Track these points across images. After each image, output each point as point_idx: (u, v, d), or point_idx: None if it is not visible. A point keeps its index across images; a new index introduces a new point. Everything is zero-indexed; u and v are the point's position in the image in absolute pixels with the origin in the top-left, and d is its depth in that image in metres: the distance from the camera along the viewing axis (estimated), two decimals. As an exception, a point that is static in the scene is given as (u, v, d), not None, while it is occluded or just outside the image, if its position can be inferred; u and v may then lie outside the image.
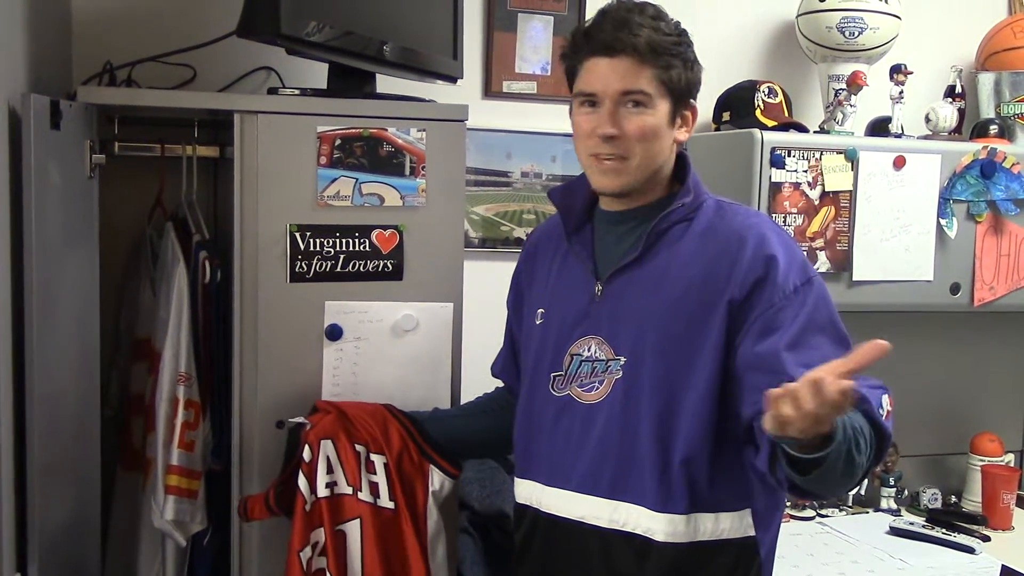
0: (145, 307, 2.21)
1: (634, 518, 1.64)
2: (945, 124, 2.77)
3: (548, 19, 2.74)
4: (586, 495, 1.68)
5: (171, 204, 2.25)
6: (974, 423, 3.05)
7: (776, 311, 1.57)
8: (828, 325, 1.59)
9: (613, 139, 1.61)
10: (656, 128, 1.63)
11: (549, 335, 1.75)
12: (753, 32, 2.95)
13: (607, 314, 1.68)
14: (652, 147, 1.64)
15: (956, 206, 2.66)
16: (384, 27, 2.17)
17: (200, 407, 2.08)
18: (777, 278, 1.58)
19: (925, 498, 2.94)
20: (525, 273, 1.90)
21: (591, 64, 1.63)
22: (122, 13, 2.37)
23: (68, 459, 1.92)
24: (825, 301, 1.61)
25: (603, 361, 1.67)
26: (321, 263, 2.02)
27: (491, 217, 2.73)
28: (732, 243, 1.62)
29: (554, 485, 1.72)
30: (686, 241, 1.66)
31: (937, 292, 2.66)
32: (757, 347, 1.57)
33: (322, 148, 2.01)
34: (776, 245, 1.62)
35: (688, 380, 1.61)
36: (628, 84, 1.61)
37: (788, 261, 1.60)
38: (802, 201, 2.53)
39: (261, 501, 1.91)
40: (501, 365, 2.00)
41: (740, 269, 1.60)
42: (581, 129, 1.67)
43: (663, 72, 1.62)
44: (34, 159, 1.65)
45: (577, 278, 1.74)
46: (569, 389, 1.70)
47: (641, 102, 1.62)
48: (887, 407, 1.56)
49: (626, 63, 1.60)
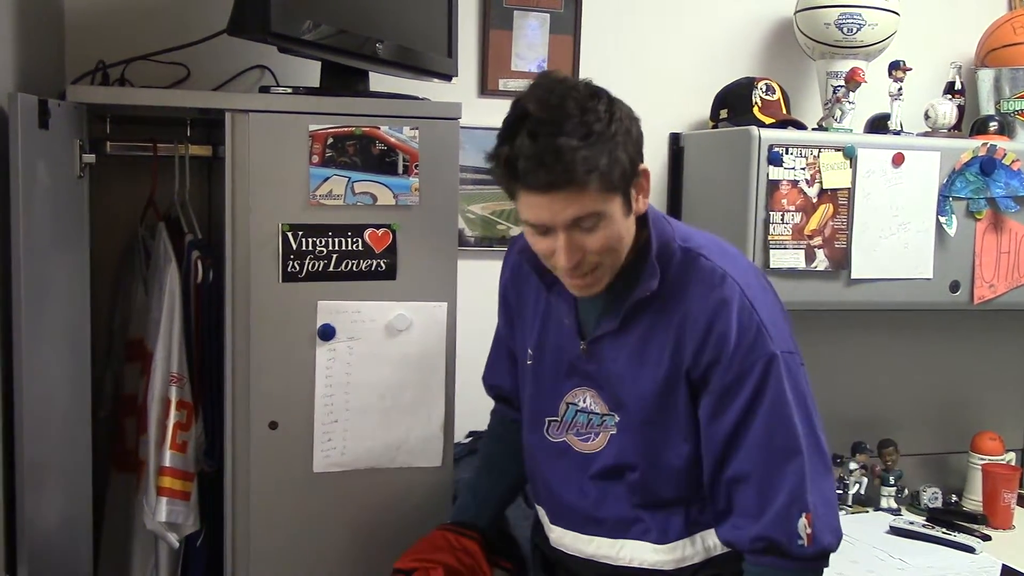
0: (138, 307, 2.19)
1: (639, 554, 1.68)
2: (944, 121, 2.75)
3: (544, 16, 2.72)
4: (590, 536, 1.72)
5: (164, 203, 2.24)
6: (975, 422, 3.04)
7: (719, 396, 1.59)
8: (770, 410, 1.57)
9: (578, 263, 1.54)
10: (618, 234, 1.54)
11: (543, 380, 1.76)
12: (751, 29, 2.93)
13: (595, 372, 1.69)
14: (619, 251, 1.58)
15: (956, 203, 2.64)
16: (378, 25, 2.16)
17: (192, 408, 2.07)
18: (724, 359, 1.57)
19: (925, 497, 2.92)
20: (512, 290, 1.87)
21: (529, 199, 1.49)
22: (116, 11, 2.36)
23: (58, 460, 1.90)
24: (769, 381, 1.57)
25: (598, 415, 1.69)
26: (313, 263, 2.01)
27: (488, 216, 2.71)
28: (692, 316, 1.59)
29: (559, 525, 1.76)
30: (656, 311, 1.62)
31: (937, 290, 2.65)
32: (706, 428, 1.61)
33: (314, 147, 2.00)
34: (732, 318, 1.56)
35: (670, 446, 1.65)
36: (576, 212, 1.48)
37: (740, 335, 1.57)
38: (800, 199, 2.51)
39: None
40: (499, 375, 1.97)
41: (696, 347, 1.59)
42: (539, 251, 1.58)
43: (606, 181, 1.47)
44: (22, 159, 1.64)
45: (562, 330, 1.72)
46: (565, 436, 1.73)
47: (593, 225, 1.50)
48: (805, 532, 1.57)
49: (566, 195, 1.46)
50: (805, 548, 1.57)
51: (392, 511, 2.08)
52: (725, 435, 1.59)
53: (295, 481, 2.04)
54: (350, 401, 2.05)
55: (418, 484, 2.10)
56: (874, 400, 2.98)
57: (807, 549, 1.57)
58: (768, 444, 1.58)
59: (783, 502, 1.56)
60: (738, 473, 1.58)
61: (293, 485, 2.03)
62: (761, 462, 1.57)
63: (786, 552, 1.57)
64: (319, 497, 2.05)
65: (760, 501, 1.57)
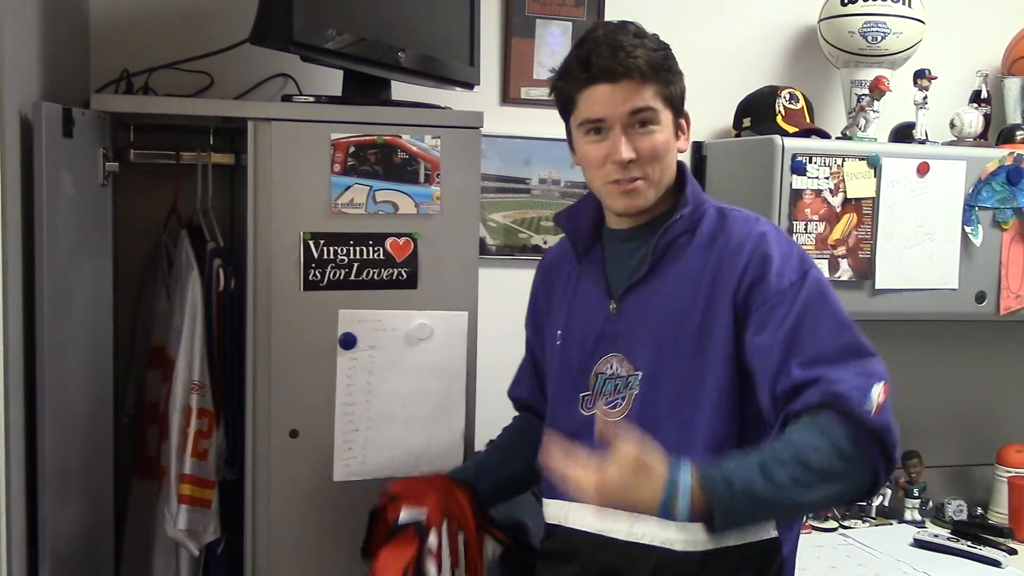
0: (160, 315, 2.20)
1: (652, 530, 1.63)
2: (970, 130, 2.73)
3: (567, 24, 2.72)
4: (604, 508, 1.65)
5: (186, 211, 2.25)
6: (1000, 434, 3.01)
7: (771, 307, 1.58)
8: (825, 315, 1.58)
9: (630, 162, 1.62)
10: (667, 143, 1.65)
11: (571, 356, 1.76)
12: (774, 37, 2.92)
13: (623, 331, 1.70)
14: (665, 163, 1.66)
15: (981, 213, 2.62)
16: (400, 34, 2.16)
17: (214, 416, 2.07)
18: (771, 275, 1.59)
19: (950, 510, 2.89)
20: (542, 294, 1.90)
21: (592, 92, 1.63)
22: (140, 20, 2.37)
23: (80, 467, 1.91)
24: (821, 292, 1.60)
25: (624, 377, 1.68)
26: (335, 271, 2.01)
27: (509, 224, 2.71)
28: (732, 249, 1.64)
29: (577, 499, 1.69)
30: (691, 252, 1.67)
31: (962, 301, 2.62)
32: (756, 339, 1.58)
33: (336, 155, 2.00)
34: (772, 244, 1.62)
35: (702, 390, 1.62)
36: (635, 103, 1.61)
37: (783, 258, 1.61)
38: (824, 208, 2.50)
39: None
40: (526, 388, 1.98)
41: (740, 273, 1.61)
42: (592, 158, 1.66)
43: (664, 88, 1.63)
44: (46, 167, 1.65)
45: (592, 298, 1.75)
46: (597, 408, 1.71)
47: (649, 119, 1.62)
48: (877, 399, 1.49)
49: (629, 85, 1.60)
50: (871, 416, 1.47)
51: (412, 520, 2.08)
52: (783, 337, 1.54)
53: (315, 490, 2.03)
54: (371, 410, 2.04)
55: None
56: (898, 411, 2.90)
57: (872, 418, 1.47)
58: (835, 328, 1.56)
59: (857, 367, 1.51)
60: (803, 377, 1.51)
61: (313, 494, 2.03)
62: (832, 343, 1.54)
63: (850, 411, 1.46)
64: (339, 506, 2.04)
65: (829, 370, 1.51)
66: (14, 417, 1.61)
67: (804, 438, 1.47)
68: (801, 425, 1.49)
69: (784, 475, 1.43)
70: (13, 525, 1.60)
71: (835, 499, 1.58)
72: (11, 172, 1.59)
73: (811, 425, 1.48)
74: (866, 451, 1.47)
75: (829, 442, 1.46)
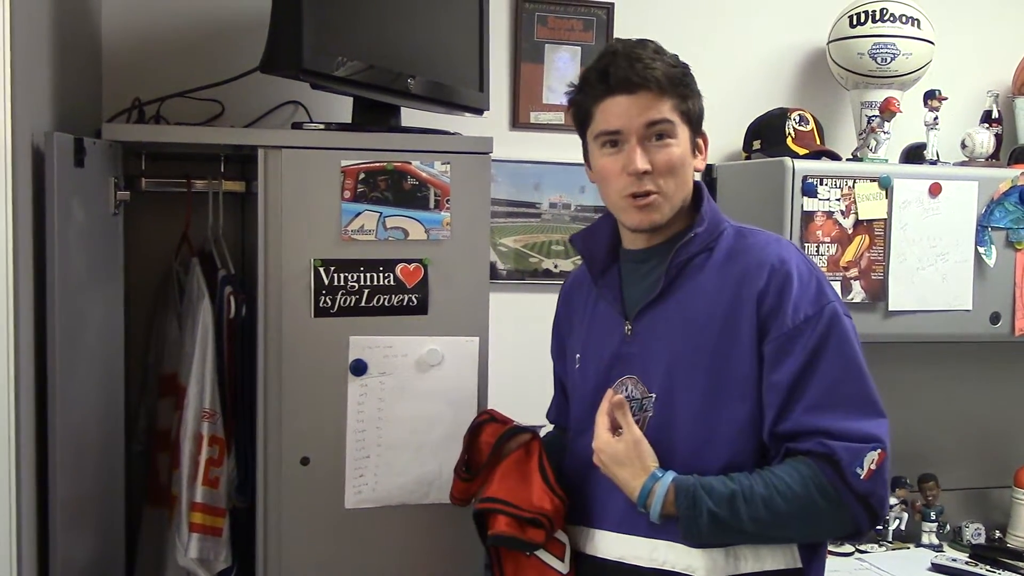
0: (171, 342, 2.20)
1: (673, 556, 1.61)
2: (982, 150, 2.72)
3: (576, 49, 2.73)
4: (626, 535, 1.67)
5: (198, 239, 2.25)
6: (1017, 455, 2.98)
7: (783, 342, 1.58)
8: (836, 359, 1.57)
9: (645, 174, 1.61)
10: (683, 158, 1.64)
11: (588, 379, 1.75)
12: (784, 59, 2.92)
13: (638, 352, 1.68)
14: (681, 178, 1.65)
15: (995, 233, 2.60)
16: (409, 60, 2.17)
17: (225, 443, 2.07)
18: (788, 307, 1.58)
19: (968, 533, 2.86)
20: (564, 319, 1.90)
21: (609, 103, 1.62)
22: (151, 49, 2.39)
23: (92, 495, 1.91)
24: (835, 332, 1.58)
25: (638, 400, 1.67)
26: (345, 298, 2.01)
27: (520, 248, 2.71)
28: (751, 271, 1.62)
29: (598, 526, 1.71)
30: (707, 271, 1.65)
31: (976, 322, 2.61)
32: (768, 376, 1.59)
33: (346, 182, 2.00)
34: (792, 271, 1.61)
35: (721, 412, 1.61)
36: (652, 115, 1.61)
37: (801, 289, 1.60)
38: (835, 230, 2.49)
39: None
40: (556, 412, 1.99)
41: (759, 295, 1.60)
42: (608, 171, 1.65)
43: (681, 103, 1.63)
44: (57, 197, 1.66)
45: (608, 320, 1.74)
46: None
47: (666, 132, 1.62)
48: (869, 465, 1.53)
49: (646, 97, 1.60)
50: (860, 480, 1.52)
51: (424, 548, 2.07)
52: (794, 372, 1.55)
53: (327, 517, 2.02)
54: (382, 437, 2.04)
55: (451, 520, 2.07)
56: (913, 434, 2.93)
57: (861, 482, 1.52)
58: (845, 368, 1.57)
59: (859, 430, 1.54)
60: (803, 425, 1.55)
61: (325, 521, 2.02)
62: (842, 383, 1.56)
63: (840, 471, 1.52)
64: (351, 534, 2.04)
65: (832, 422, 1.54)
66: (26, 445, 1.61)
67: (783, 480, 1.54)
68: (786, 467, 1.56)
69: (748, 513, 1.53)
70: (25, 554, 1.60)
71: (804, 539, 1.62)
72: (23, 202, 1.60)
73: (794, 469, 1.55)
74: (847, 507, 1.54)
75: (804, 492, 1.53)
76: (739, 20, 2.87)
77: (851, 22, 2.72)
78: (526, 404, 2.00)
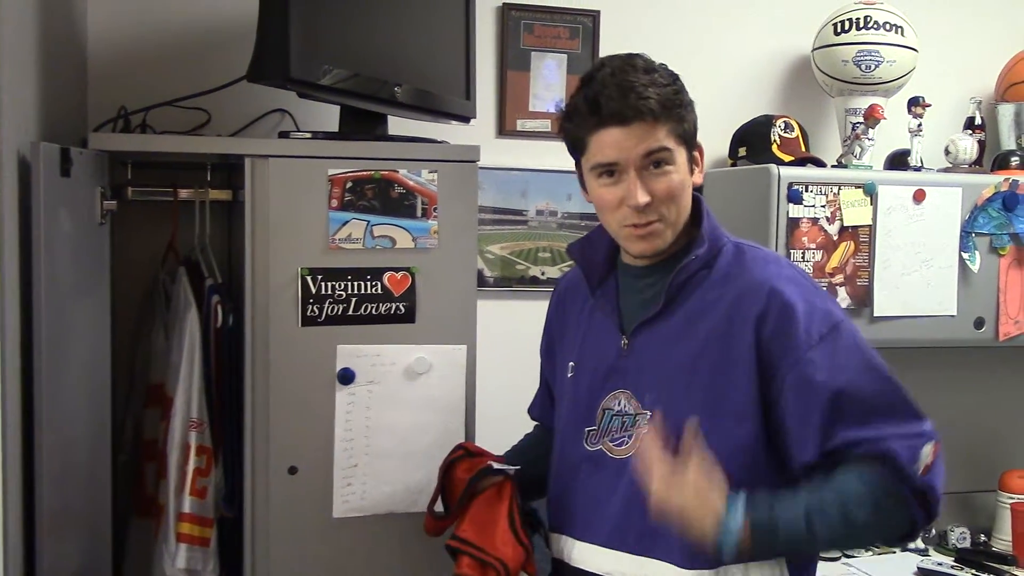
0: (158, 352, 2.20)
1: (662, 572, 1.60)
2: (965, 156, 2.74)
3: (562, 57, 2.74)
4: (614, 550, 1.66)
5: (184, 248, 2.25)
6: (1002, 460, 2.99)
7: (804, 364, 1.54)
8: (862, 368, 1.56)
9: (647, 206, 1.58)
10: (682, 183, 1.61)
11: (580, 389, 1.74)
12: (769, 67, 2.93)
13: (633, 368, 1.67)
14: (681, 203, 1.62)
15: (978, 239, 2.62)
16: (396, 69, 2.17)
17: (212, 453, 2.06)
18: (798, 329, 1.55)
19: (953, 537, 2.87)
20: (556, 322, 1.89)
21: (603, 135, 1.58)
22: (137, 58, 2.39)
23: (78, 506, 1.90)
24: (853, 343, 1.58)
25: (631, 415, 1.66)
26: (333, 306, 2.01)
27: (507, 256, 2.71)
28: (751, 291, 1.60)
29: (584, 539, 1.70)
30: (706, 288, 1.64)
31: (961, 327, 2.62)
32: (802, 406, 1.55)
33: (333, 191, 2.00)
34: (792, 291, 1.59)
35: (717, 431, 1.58)
36: (649, 144, 1.57)
37: (808, 309, 1.57)
38: (820, 236, 2.50)
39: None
40: (540, 409, 1.98)
41: (758, 315, 1.57)
42: (606, 202, 1.62)
43: (677, 125, 1.59)
44: (44, 207, 1.65)
45: (604, 331, 1.73)
46: (601, 444, 1.69)
47: (664, 160, 1.58)
48: (925, 460, 1.52)
49: (642, 127, 1.56)
50: (919, 475, 1.50)
51: (412, 557, 2.06)
52: (826, 396, 1.52)
53: (315, 527, 2.02)
54: (370, 445, 2.04)
55: (439, 528, 2.08)
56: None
57: (920, 478, 1.50)
58: (872, 380, 1.55)
59: (911, 428, 1.53)
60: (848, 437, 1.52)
61: (313, 531, 2.02)
62: (871, 393, 1.54)
63: (899, 469, 1.49)
64: (339, 543, 2.03)
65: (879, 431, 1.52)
66: (12, 455, 1.60)
67: (850, 487, 1.51)
68: (849, 473, 1.53)
69: (826, 528, 1.50)
70: (10, 565, 1.59)
71: (870, 543, 1.61)
72: (9, 212, 1.60)
73: (858, 475, 1.52)
74: (907, 505, 1.52)
75: (872, 496, 1.51)
76: (724, 28, 2.89)
77: (835, 30, 2.73)
78: (514, 411, 2.00)
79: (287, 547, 2.01)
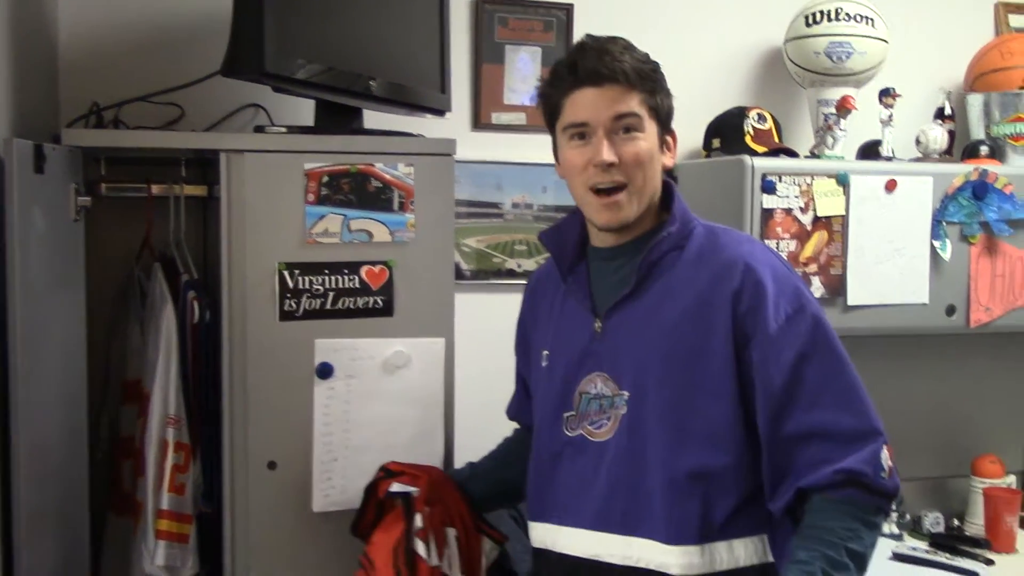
0: (134, 348, 2.19)
1: (647, 553, 1.62)
2: (936, 146, 2.76)
3: (536, 50, 2.74)
4: (599, 532, 1.66)
5: (160, 244, 2.23)
6: (975, 445, 3.03)
7: (773, 340, 1.58)
8: (824, 350, 1.60)
9: (611, 167, 1.61)
10: (651, 151, 1.64)
11: (556, 376, 1.75)
12: (741, 59, 2.95)
13: (608, 350, 1.68)
14: (648, 172, 1.64)
15: (949, 228, 2.65)
16: (371, 62, 2.17)
17: (190, 449, 2.06)
18: (768, 305, 1.59)
19: (927, 522, 2.90)
20: (528, 315, 1.89)
21: (578, 95, 1.63)
22: (109, 53, 2.37)
23: (55, 505, 1.89)
24: (818, 326, 1.61)
25: (609, 397, 1.67)
26: (310, 301, 2.01)
27: (483, 249, 2.72)
28: (724, 270, 1.62)
29: (568, 524, 1.71)
30: (678, 269, 1.66)
31: (933, 315, 2.65)
32: (765, 378, 1.59)
33: (309, 185, 2.00)
34: (766, 272, 1.61)
35: (694, 407, 1.61)
36: (620, 108, 1.61)
37: (778, 289, 1.61)
38: (794, 227, 2.52)
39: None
40: (516, 408, 1.98)
41: (734, 292, 1.60)
42: (574, 163, 1.65)
43: (649, 97, 1.64)
44: (18, 204, 1.64)
45: (577, 317, 1.74)
46: (581, 428, 1.70)
47: (633, 126, 1.62)
48: (887, 464, 1.57)
49: (615, 89, 1.61)
50: (886, 481, 1.55)
51: (393, 549, 2.07)
52: (783, 378, 1.57)
53: (294, 521, 2.02)
54: (349, 439, 2.04)
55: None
56: (873, 426, 2.97)
57: (888, 483, 1.55)
58: (833, 364, 1.59)
59: (858, 425, 1.56)
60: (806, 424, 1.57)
61: (292, 525, 2.02)
62: (832, 378, 1.58)
63: (869, 484, 1.54)
64: (319, 537, 2.03)
65: (840, 434, 1.56)
66: (-12, 456, 1.59)
67: (844, 526, 1.54)
68: (833, 511, 1.55)
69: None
70: (-11, 566, 1.58)
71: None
72: (-18, 209, 1.58)
73: (840, 509, 1.55)
74: (883, 509, 1.59)
75: (862, 524, 1.55)
76: (697, 21, 2.90)
77: (807, 21, 2.75)
78: (492, 403, 2.01)
79: (267, 542, 2.02)
